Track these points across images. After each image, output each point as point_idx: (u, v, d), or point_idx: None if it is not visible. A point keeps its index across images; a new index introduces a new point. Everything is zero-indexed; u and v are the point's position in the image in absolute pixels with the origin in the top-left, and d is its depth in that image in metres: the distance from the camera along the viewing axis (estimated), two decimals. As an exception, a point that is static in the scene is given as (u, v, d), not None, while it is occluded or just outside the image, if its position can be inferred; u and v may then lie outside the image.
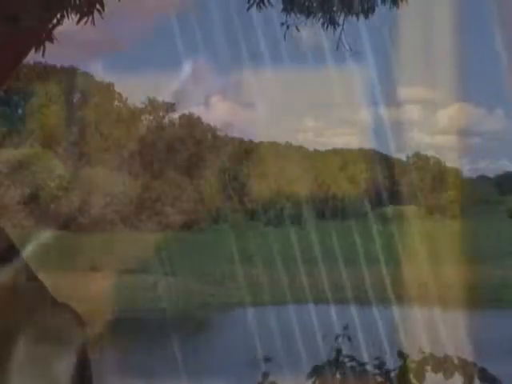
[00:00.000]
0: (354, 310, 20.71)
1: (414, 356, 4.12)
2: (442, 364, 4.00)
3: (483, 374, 3.95)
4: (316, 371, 4.40)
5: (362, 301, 23.65)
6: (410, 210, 43.24)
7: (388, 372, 4.23)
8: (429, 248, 28.95)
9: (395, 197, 43.76)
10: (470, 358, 4.10)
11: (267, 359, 4.76)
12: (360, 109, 48.14)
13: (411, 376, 4.08)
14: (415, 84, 49.59)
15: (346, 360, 4.42)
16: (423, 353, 4.12)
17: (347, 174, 48.36)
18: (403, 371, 4.10)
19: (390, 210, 43.35)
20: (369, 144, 49.23)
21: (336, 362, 4.42)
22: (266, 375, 4.59)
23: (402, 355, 4.17)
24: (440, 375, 4.06)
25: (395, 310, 23.96)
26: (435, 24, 34.92)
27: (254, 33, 21.17)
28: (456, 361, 4.01)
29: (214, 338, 21.69)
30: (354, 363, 4.40)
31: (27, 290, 3.19)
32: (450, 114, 53.46)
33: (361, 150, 49.64)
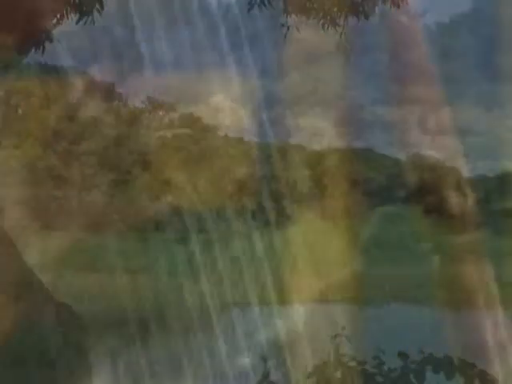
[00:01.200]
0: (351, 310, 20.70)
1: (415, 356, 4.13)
2: (442, 365, 3.99)
3: (483, 375, 3.96)
4: (316, 371, 4.40)
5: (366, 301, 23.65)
6: (409, 209, 43.24)
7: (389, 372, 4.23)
8: (428, 247, 28.94)
9: (395, 196, 43.78)
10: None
11: (266, 359, 4.76)
12: (360, 108, 48.19)
13: (411, 376, 4.08)
14: (416, 84, 49.59)
15: (346, 360, 4.41)
16: (423, 353, 4.12)
17: (346, 173, 48.36)
18: (404, 371, 4.11)
19: (389, 209, 43.39)
20: (368, 144, 49.27)
21: (336, 362, 4.42)
22: (265, 375, 4.59)
23: (402, 355, 4.17)
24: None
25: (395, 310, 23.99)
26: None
27: (255, 32, 21.20)
28: (456, 362, 4.01)
29: (214, 337, 21.68)
30: (354, 363, 4.39)
31: (28, 291, 3.20)
32: (449, 114, 53.32)
33: (361, 150, 49.68)
